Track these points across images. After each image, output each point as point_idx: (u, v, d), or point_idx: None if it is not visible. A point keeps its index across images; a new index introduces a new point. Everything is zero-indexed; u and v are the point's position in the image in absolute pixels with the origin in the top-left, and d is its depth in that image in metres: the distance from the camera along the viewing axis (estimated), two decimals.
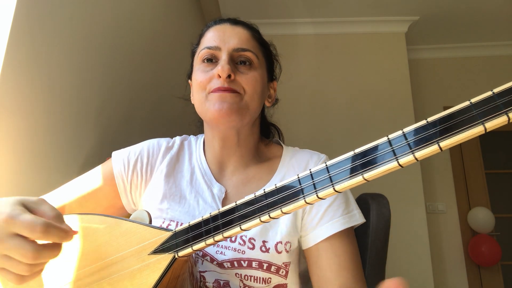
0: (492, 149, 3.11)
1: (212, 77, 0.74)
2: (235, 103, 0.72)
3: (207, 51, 0.76)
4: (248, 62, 0.76)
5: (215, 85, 0.73)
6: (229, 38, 0.77)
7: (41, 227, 0.47)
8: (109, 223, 0.62)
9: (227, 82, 0.72)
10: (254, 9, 2.67)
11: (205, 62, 0.77)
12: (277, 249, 0.70)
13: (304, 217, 0.73)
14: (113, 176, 0.78)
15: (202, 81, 0.75)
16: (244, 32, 0.79)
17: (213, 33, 0.79)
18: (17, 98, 0.79)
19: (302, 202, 0.41)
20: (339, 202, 0.73)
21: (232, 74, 0.72)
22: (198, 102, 0.76)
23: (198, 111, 0.78)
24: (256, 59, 0.77)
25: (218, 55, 0.76)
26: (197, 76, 0.76)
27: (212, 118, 0.73)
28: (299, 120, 2.66)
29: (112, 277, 0.57)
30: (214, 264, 0.69)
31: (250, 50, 0.77)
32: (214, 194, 0.77)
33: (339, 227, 0.70)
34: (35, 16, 0.85)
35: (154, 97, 1.64)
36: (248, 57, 0.76)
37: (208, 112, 0.73)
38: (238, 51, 0.76)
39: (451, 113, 0.35)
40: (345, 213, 0.72)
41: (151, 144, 0.83)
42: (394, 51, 2.80)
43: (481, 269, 2.85)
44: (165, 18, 1.80)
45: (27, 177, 0.82)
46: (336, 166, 0.39)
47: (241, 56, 0.76)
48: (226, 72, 0.71)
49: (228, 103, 0.71)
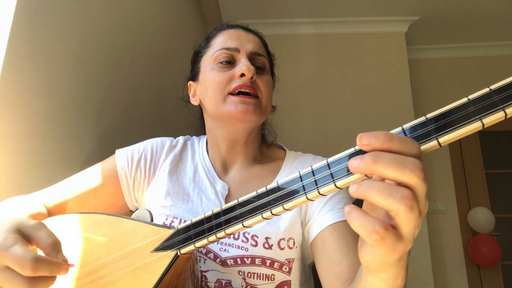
0: (492, 149, 3.11)
1: (232, 77, 0.75)
2: (257, 107, 0.75)
3: (225, 52, 0.78)
4: (263, 67, 0.80)
5: (236, 84, 0.74)
6: (245, 42, 0.79)
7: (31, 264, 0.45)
8: (111, 222, 0.62)
9: (250, 82, 0.74)
10: (254, 9, 2.67)
11: (223, 63, 0.77)
12: (280, 246, 0.70)
13: (308, 210, 0.74)
14: (117, 173, 0.79)
15: (222, 80, 0.75)
16: (257, 39, 0.83)
17: (228, 35, 0.80)
18: (17, 98, 0.80)
19: (304, 198, 0.42)
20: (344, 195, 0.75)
21: (254, 76, 0.75)
22: (213, 101, 0.77)
23: (213, 110, 0.78)
24: (268, 64, 0.82)
25: (236, 57, 0.78)
26: (214, 76, 0.77)
27: (233, 117, 0.74)
28: (299, 120, 2.66)
29: (114, 275, 0.57)
30: (217, 262, 0.69)
31: (264, 56, 0.81)
32: (217, 191, 0.77)
33: (344, 216, 0.71)
34: (35, 16, 0.86)
35: (154, 97, 1.65)
36: (263, 62, 0.80)
37: (229, 112, 0.74)
38: (255, 54, 0.79)
39: (450, 110, 0.35)
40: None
41: (154, 142, 0.84)
42: (394, 51, 2.80)
43: (481, 269, 2.85)
44: (165, 18, 1.81)
45: (27, 177, 0.83)
46: (337, 162, 0.39)
47: (258, 60, 0.79)
48: (252, 71, 0.74)
49: (252, 106, 0.74)
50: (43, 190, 0.77)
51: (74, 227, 0.64)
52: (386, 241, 0.33)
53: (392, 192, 0.33)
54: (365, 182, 0.34)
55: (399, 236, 0.34)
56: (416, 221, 0.34)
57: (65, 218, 0.66)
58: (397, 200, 0.33)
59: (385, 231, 0.33)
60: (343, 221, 0.70)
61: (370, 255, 0.37)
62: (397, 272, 0.39)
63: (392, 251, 0.34)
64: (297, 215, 0.74)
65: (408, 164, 0.33)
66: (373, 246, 0.35)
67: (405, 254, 0.38)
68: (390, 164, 0.33)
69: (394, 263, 0.37)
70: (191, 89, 0.86)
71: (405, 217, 0.33)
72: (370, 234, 0.33)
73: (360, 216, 0.34)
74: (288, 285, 0.70)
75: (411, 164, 0.33)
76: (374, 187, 0.33)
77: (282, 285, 0.70)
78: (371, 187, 0.34)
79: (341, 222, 0.70)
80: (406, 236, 0.35)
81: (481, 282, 2.83)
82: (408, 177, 0.33)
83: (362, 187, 0.34)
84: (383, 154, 0.34)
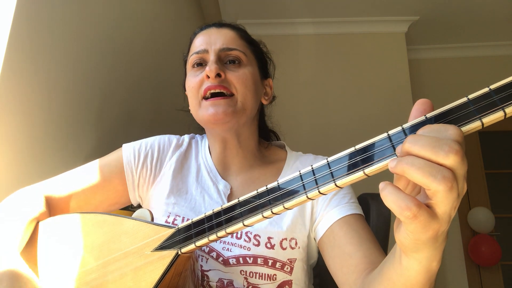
0: (492, 149, 3.11)
1: (202, 80, 0.75)
2: (230, 106, 0.73)
3: (195, 56, 0.78)
4: (237, 60, 0.77)
5: (205, 86, 0.73)
6: (215, 40, 0.78)
7: None
8: (111, 222, 0.62)
9: (218, 81, 0.73)
10: (254, 9, 2.67)
11: (195, 67, 0.78)
12: (282, 246, 0.71)
13: (313, 211, 0.74)
14: (123, 168, 0.78)
15: (194, 86, 0.76)
16: (230, 32, 0.81)
17: (199, 38, 0.80)
18: (17, 98, 0.80)
19: (304, 197, 0.42)
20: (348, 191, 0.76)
21: (221, 73, 0.73)
22: (193, 108, 0.78)
23: (195, 118, 0.79)
24: (244, 57, 0.78)
25: (206, 58, 0.77)
26: (189, 82, 0.78)
27: (208, 122, 0.74)
28: (299, 120, 2.66)
29: (115, 274, 0.58)
30: (219, 261, 0.70)
31: (236, 49, 0.78)
32: (219, 190, 0.78)
33: (352, 210, 0.71)
34: (35, 16, 0.86)
35: (155, 97, 1.65)
36: (236, 55, 0.77)
37: (203, 117, 0.74)
38: (224, 50, 0.77)
39: (449, 109, 0.36)
40: (351, 201, 0.74)
41: (162, 140, 0.84)
42: (394, 51, 2.80)
43: (481, 269, 2.85)
44: (165, 18, 1.81)
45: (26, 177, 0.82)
46: (337, 161, 0.40)
47: (229, 55, 0.77)
48: (214, 71, 0.72)
49: (222, 107, 0.72)
50: (47, 181, 0.76)
51: (75, 227, 0.64)
52: (418, 219, 0.33)
53: (433, 171, 0.32)
54: (406, 158, 0.34)
55: (433, 215, 0.34)
56: (453, 202, 0.34)
57: (66, 218, 0.67)
58: (437, 180, 0.32)
59: (418, 208, 0.33)
60: (352, 215, 0.70)
61: (404, 232, 0.37)
62: (433, 254, 0.39)
63: (424, 229, 0.34)
64: (300, 216, 0.74)
65: (444, 145, 0.33)
66: (406, 224, 0.35)
67: (441, 235, 0.37)
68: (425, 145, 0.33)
69: (429, 242, 0.37)
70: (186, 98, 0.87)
71: (444, 196, 0.33)
72: (403, 211, 0.33)
73: (394, 192, 0.34)
74: (290, 285, 0.70)
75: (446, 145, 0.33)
76: (415, 164, 0.33)
77: (283, 284, 0.70)
78: (411, 163, 0.33)
79: (349, 215, 0.70)
80: (441, 215, 0.34)
81: (481, 282, 2.83)
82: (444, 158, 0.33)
83: (402, 162, 0.34)
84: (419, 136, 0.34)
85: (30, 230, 0.65)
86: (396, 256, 0.44)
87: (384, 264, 0.50)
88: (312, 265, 0.80)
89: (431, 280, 0.42)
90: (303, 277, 0.73)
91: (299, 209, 0.74)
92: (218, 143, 0.80)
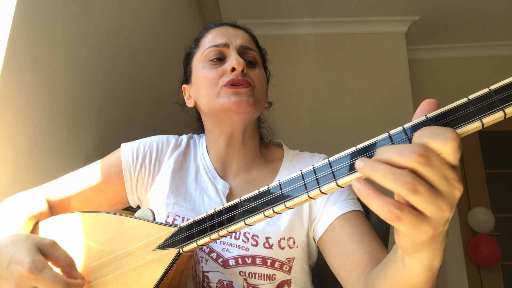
0: (492, 149, 3.11)
1: (223, 72, 0.75)
2: (251, 96, 0.74)
3: (214, 49, 0.78)
4: (254, 61, 0.79)
5: (228, 78, 0.74)
6: (234, 37, 0.79)
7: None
8: (113, 220, 0.63)
9: (242, 75, 0.74)
10: (254, 9, 2.67)
11: (213, 60, 0.78)
12: (280, 245, 0.71)
13: (312, 210, 0.74)
14: (121, 169, 0.78)
15: (214, 77, 0.75)
16: (246, 34, 0.83)
17: (216, 33, 0.81)
18: (17, 98, 0.80)
19: (306, 196, 0.42)
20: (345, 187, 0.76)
21: (245, 68, 0.75)
22: (208, 98, 0.77)
23: (207, 107, 0.78)
24: (259, 58, 0.82)
25: (226, 53, 0.78)
26: (206, 74, 0.77)
27: (227, 110, 0.74)
28: (299, 120, 2.66)
29: (117, 273, 0.58)
30: (219, 262, 0.70)
31: (254, 50, 0.81)
32: (218, 190, 0.78)
33: (352, 207, 0.71)
34: (35, 16, 0.86)
35: (154, 97, 1.65)
36: (254, 56, 0.80)
37: (223, 105, 0.73)
38: (244, 48, 0.79)
39: (450, 109, 0.36)
40: (349, 198, 0.74)
41: (160, 140, 0.84)
42: (394, 51, 2.80)
43: (481, 269, 2.85)
44: (165, 18, 1.81)
45: (26, 177, 0.83)
46: (339, 161, 0.40)
47: (248, 54, 0.79)
48: (242, 65, 0.74)
49: (245, 96, 0.73)
50: (47, 184, 0.76)
51: (77, 226, 0.65)
52: (403, 221, 0.34)
53: (394, 177, 0.33)
54: (370, 164, 0.35)
55: (420, 217, 0.34)
56: (435, 203, 0.34)
57: (68, 217, 0.67)
58: (398, 185, 0.33)
59: (400, 211, 0.34)
60: (351, 211, 0.70)
61: (399, 236, 0.38)
62: (433, 253, 0.39)
63: (415, 231, 0.35)
64: (297, 215, 0.74)
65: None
66: (396, 227, 0.36)
67: (439, 236, 0.37)
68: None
69: (426, 243, 0.37)
70: (186, 92, 0.87)
71: (414, 199, 0.34)
72: (387, 215, 0.34)
73: (376, 198, 0.35)
74: (288, 284, 0.71)
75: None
76: (379, 170, 0.34)
77: (282, 284, 0.70)
78: (375, 169, 0.34)
79: (349, 212, 0.70)
80: (433, 217, 0.35)
81: (481, 282, 2.83)
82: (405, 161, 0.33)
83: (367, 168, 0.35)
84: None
85: (29, 226, 0.65)
86: (398, 255, 0.44)
87: (386, 262, 0.50)
88: (312, 265, 0.80)
89: (433, 278, 0.43)
90: (302, 276, 0.73)
91: (296, 208, 0.74)
92: (223, 138, 0.80)
